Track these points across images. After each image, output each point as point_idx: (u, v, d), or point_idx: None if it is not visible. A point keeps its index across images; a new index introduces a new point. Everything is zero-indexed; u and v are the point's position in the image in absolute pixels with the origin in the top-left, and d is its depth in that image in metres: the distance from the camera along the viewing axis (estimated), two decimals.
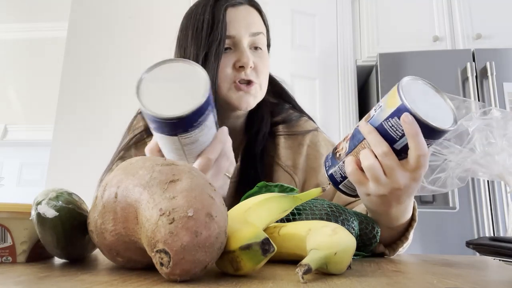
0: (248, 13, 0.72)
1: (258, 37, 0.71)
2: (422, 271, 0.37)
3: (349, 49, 2.25)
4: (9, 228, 0.37)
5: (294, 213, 0.50)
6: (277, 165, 0.77)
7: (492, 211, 1.72)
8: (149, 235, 0.28)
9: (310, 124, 0.83)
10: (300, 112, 0.85)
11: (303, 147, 0.79)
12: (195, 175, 0.31)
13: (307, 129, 0.81)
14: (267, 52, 0.76)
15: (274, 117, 0.81)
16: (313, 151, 0.79)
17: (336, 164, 0.56)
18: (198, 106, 0.43)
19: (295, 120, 0.82)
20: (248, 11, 0.73)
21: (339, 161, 0.55)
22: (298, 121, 0.82)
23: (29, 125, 2.91)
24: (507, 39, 2.07)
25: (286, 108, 0.84)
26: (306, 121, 0.83)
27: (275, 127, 0.80)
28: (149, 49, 2.05)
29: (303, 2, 2.24)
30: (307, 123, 0.83)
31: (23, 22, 3.04)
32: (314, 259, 0.30)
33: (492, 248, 0.31)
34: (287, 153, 0.78)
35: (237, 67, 0.69)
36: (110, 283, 0.27)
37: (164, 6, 2.15)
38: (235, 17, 0.70)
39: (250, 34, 0.70)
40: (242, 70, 0.69)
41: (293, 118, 0.82)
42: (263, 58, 0.72)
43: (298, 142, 0.80)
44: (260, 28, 0.73)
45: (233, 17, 0.70)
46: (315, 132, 0.82)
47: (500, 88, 1.84)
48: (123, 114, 1.02)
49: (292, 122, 0.81)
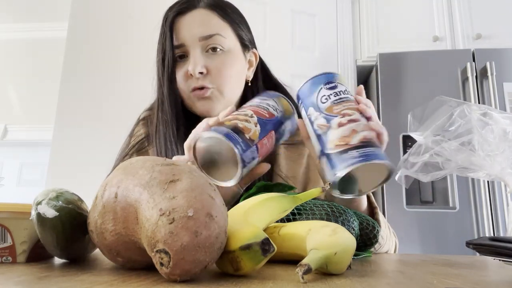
0: (197, 17, 0.72)
1: (212, 38, 0.70)
2: (422, 271, 0.37)
3: (349, 49, 2.25)
4: (9, 228, 0.37)
5: (294, 213, 0.50)
6: (277, 175, 0.75)
7: (492, 211, 1.71)
8: (149, 235, 0.28)
9: None
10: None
11: (303, 158, 0.78)
12: (195, 175, 0.31)
13: None
14: (234, 53, 0.73)
15: None
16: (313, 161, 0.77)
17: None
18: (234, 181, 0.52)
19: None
20: (198, 15, 0.72)
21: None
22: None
23: (29, 125, 2.91)
24: (507, 39, 2.07)
25: None
26: None
27: None
28: (149, 49, 2.05)
29: (303, 2, 2.24)
30: None
31: (23, 22, 3.04)
32: (314, 259, 0.30)
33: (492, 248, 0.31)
34: (287, 163, 0.77)
35: (189, 76, 0.69)
36: (110, 283, 0.27)
37: (164, 6, 2.15)
38: (182, 25, 0.71)
39: (200, 39, 0.70)
40: (192, 77, 0.69)
41: None
42: (223, 60, 0.71)
43: (299, 153, 0.78)
44: (214, 30, 0.71)
45: (180, 25, 0.71)
46: None
47: (500, 88, 1.84)
48: (123, 114, 1.02)
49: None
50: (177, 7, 0.72)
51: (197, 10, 0.72)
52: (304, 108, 0.54)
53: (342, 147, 0.47)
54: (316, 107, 0.51)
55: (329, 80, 0.53)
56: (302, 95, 0.54)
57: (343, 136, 0.47)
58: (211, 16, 0.73)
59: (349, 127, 0.48)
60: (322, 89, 0.52)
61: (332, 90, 0.52)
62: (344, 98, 0.51)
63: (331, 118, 0.49)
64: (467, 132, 0.55)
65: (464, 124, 0.55)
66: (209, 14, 0.72)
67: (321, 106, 0.51)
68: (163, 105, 0.72)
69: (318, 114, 0.50)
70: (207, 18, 0.72)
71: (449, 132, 0.56)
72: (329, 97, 0.51)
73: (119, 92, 2.05)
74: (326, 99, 0.51)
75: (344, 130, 0.48)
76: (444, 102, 0.58)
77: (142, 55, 2.09)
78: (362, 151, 0.45)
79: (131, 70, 2.06)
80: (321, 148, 0.50)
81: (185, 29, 0.70)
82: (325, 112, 0.50)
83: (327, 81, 0.53)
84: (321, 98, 0.51)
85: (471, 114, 0.55)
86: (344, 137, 0.47)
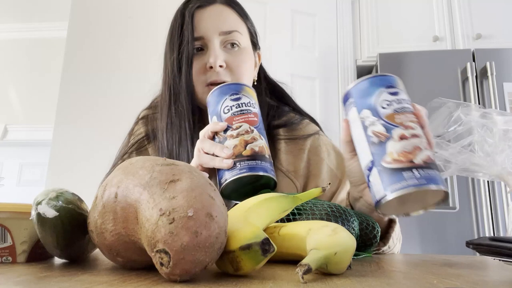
0: (218, 11, 0.72)
1: (231, 35, 0.71)
2: (422, 271, 0.37)
3: (349, 49, 2.25)
4: (9, 228, 0.37)
5: (294, 213, 0.50)
6: (278, 169, 0.75)
7: (492, 211, 1.72)
8: (149, 235, 0.28)
9: (311, 128, 0.81)
10: (301, 115, 0.83)
11: (304, 153, 0.77)
12: (195, 175, 0.31)
13: (308, 133, 0.79)
14: (248, 50, 0.74)
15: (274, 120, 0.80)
16: (314, 156, 0.77)
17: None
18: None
19: (296, 124, 0.80)
20: (218, 10, 0.72)
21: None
22: (299, 125, 0.80)
23: (29, 125, 2.91)
24: (507, 39, 2.07)
25: (286, 111, 0.82)
26: (308, 124, 0.81)
27: (275, 131, 0.79)
28: (149, 49, 2.05)
29: (303, 2, 2.24)
30: (309, 126, 0.81)
31: (23, 22, 3.04)
32: (314, 259, 0.30)
33: (492, 248, 0.32)
34: (288, 158, 0.77)
35: (208, 68, 0.69)
36: (110, 283, 0.27)
37: (164, 6, 2.15)
38: (203, 18, 0.71)
39: (220, 33, 0.70)
40: (212, 70, 0.69)
41: (294, 122, 0.80)
42: (241, 55, 0.72)
43: (299, 147, 0.78)
44: (233, 26, 0.72)
45: (200, 18, 0.70)
46: (316, 136, 0.80)
47: (500, 88, 1.84)
48: (123, 114, 1.02)
49: (293, 125, 0.80)
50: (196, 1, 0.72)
51: (217, 5, 0.73)
52: (355, 108, 0.48)
53: (402, 163, 0.42)
54: (374, 111, 0.46)
55: (391, 84, 0.48)
56: (356, 94, 0.49)
57: (405, 151, 0.42)
58: (230, 12, 0.73)
59: (412, 142, 0.43)
60: (384, 93, 0.47)
61: (394, 96, 0.47)
62: (406, 107, 0.46)
63: (392, 127, 0.44)
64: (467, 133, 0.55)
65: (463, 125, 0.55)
66: (228, 10, 0.73)
67: (381, 111, 0.46)
68: (178, 97, 0.70)
69: (375, 120, 0.45)
70: (226, 14, 0.73)
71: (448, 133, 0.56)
72: (391, 103, 0.46)
73: (119, 92, 2.05)
74: (388, 105, 0.46)
75: (406, 144, 0.43)
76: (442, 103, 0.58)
77: (142, 55, 2.09)
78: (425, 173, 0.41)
79: (131, 70, 2.06)
80: (373, 158, 0.45)
81: (205, 22, 0.70)
82: (385, 119, 0.45)
83: (389, 84, 0.48)
84: (382, 102, 0.46)
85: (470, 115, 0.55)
86: (406, 153, 0.42)
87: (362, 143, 0.47)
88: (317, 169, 0.76)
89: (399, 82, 0.49)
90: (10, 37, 3.07)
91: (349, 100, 0.49)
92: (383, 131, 0.44)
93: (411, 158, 0.42)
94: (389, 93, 0.47)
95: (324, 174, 0.76)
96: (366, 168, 0.46)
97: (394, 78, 0.49)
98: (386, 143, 0.44)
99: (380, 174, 0.43)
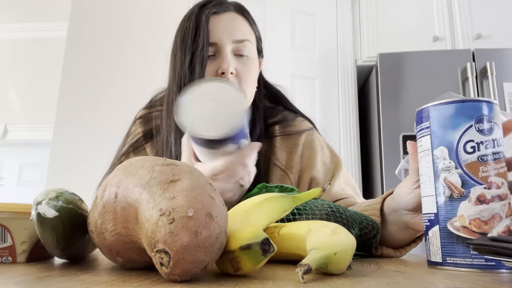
0: (232, 20, 0.73)
1: (242, 44, 0.72)
2: (422, 271, 0.37)
3: (349, 49, 2.25)
4: (9, 228, 0.37)
5: (294, 213, 0.50)
6: (274, 165, 0.78)
7: None
8: (149, 235, 0.28)
9: (305, 124, 0.84)
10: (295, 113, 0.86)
11: (299, 147, 0.80)
12: (195, 175, 0.31)
13: (302, 129, 0.82)
14: (255, 59, 0.76)
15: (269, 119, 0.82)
16: (308, 149, 0.80)
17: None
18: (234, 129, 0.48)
19: (291, 120, 0.83)
20: (232, 18, 0.73)
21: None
22: (294, 121, 0.83)
23: (29, 125, 2.91)
24: (507, 39, 2.07)
25: (280, 110, 0.85)
26: (302, 121, 0.84)
27: (271, 128, 0.81)
28: (149, 49, 2.05)
29: (303, 2, 2.24)
30: (303, 123, 0.84)
31: (23, 22, 3.04)
32: (314, 259, 0.30)
33: (492, 248, 0.31)
34: (283, 153, 0.79)
35: (219, 74, 0.70)
36: (110, 283, 0.27)
37: (164, 6, 2.15)
38: (218, 24, 0.71)
39: (233, 41, 0.71)
40: (223, 76, 0.70)
41: (289, 118, 0.83)
42: (249, 65, 0.73)
43: (294, 142, 0.80)
44: (245, 35, 0.73)
45: (215, 24, 0.71)
46: (310, 132, 0.83)
47: (500, 88, 1.84)
48: (123, 114, 1.02)
49: (288, 122, 0.82)
50: (211, 7, 0.73)
51: (231, 13, 0.74)
52: (431, 140, 0.39)
53: (473, 234, 0.35)
54: (453, 153, 0.37)
55: (486, 114, 0.37)
56: (435, 119, 0.39)
57: (480, 219, 0.35)
58: (243, 21, 0.75)
59: (492, 208, 0.35)
60: (472, 128, 0.37)
61: (485, 137, 0.36)
62: (498, 153, 0.37)
63: (472, 183, 0.36)
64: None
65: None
66: (241, 19, 0.75)
67: (462, 157, 0.36)
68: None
69: (452, 166, 0.37)
70: (240, 23, 0.74)
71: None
72: (478, 148, 0.36)
73: (119, 92, 2.05)
74: (473, 150, 0.36)
75: (484, 210, 0.35)
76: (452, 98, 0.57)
77: (142, 55, 2.09)
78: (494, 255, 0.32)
79: (131, 70, 2.06)
80: (437, 212, 0.37)
81: (220, 29, 0.71)
82: (466, 169, 0.36)
83: (481, 116, 0.37)
84: (467, 144, 0.36)
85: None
86: (481, 222, 0.35)
87: (428, 188, 0.39)
88: (310, 161, 0.79)
89: (496, 111, 0.38)
90: (10, 37, 3.07)
91: (424, 123, 0.40)
92: (458, 185, 0.36)
93: (486, 230, 0.35)
94: (479, 130, 0.37)
95: (318, 165, 0.79)
96: (426, 217, 0.39)
97: (491, 106, 0.38)
98: (459, 202, 0.36)
99: (442, 236, 0.37)
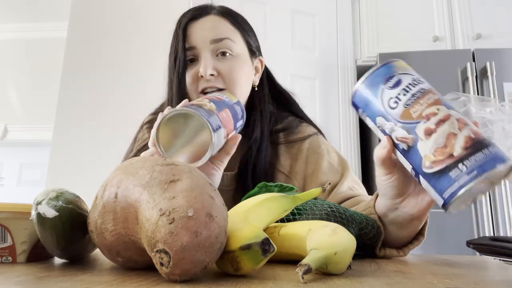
0: (210, 21, 0.74)
1: (222, 43, 0.72)
2: (422, 271, 0.37)
3: (349, 49, 2.25)
4: (9, 228, 0.37)
5: (294, 213, 0.50)
6: (278, 171, 0.77)
7: (492, 211, 1.71)
8: (149, 235, 0.28)
9: (310, 129, 0.83)
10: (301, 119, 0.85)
11: (303, 152, 0.79)
12: (195, 175, 0.31)
13: (307, 134, 0.82)
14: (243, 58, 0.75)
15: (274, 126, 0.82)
16: (313, 154, 0.79)
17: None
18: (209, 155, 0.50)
19: (295, 127, 0.82)
20: (210, 20, 0.74)
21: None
22: (298, 127, 0.83)
23: (29, 125, 2.91)
24: (507, 39, 2.07)
25: (285, 116, 0.84)
26: (306, 127, 0.84)
27: (276, 135, 0.81)
28: (149, 49, 2.05)
29: (303, 2, 2.24)
30: (307, 128, 0.83)
31: (23, 22, 3.04)
32: (314, 259, 0.30)
33: (492, 248, 0.31)
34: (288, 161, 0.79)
35: (199, 77, 0.71)
36: (110, 283, 0.27)
37: (163, 6, 2.15)
38: (195, 28, 0.73)
39: (211, 41, 0.72)
40: (202, 79, 0.71)
41: (293, 125, 0.82)
42: (233, 62, 0.73)
43: (298, 148, 0.80)
44: (224, 34, 0.73)
45: (194, 29, 0.73)
46: (314, 136, 0.82)
47: (500, 88, 1.84)
48: (123, 114, 1.02)
49: (292, 129, 0.82)
50: (191, 13, 0.75)
51: (210, 16, 0.75)
52: (370, 119, 0.43)
53: (443, 163, 0.36)
54: (385, 116, 0.40)
55: (388, 74, 0.41)
56: (360, 103, 0.43)
57: (438, 147, 0.36)
58: (222, 21, 0.75)
59: (442, 131, 0.37)
60: (384, 90, 0.41)
61: (398, 88, 0.40)
62: (418, 92, 0.39)
63: (413, 126, 0.38)
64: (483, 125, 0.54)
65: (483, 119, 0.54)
66: (220, 20, 0.75)
67: (392, 113, 0.40)
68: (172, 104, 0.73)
69: (392, 125, 0.40)
70: (218, 23, 0.75)
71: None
72: (398, 99, 0.40)
73: (119, 92, 2.05)
74: (396, 102, 0.40)
75: (436, 138, 0.37)
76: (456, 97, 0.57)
77: (142, 55, 2.09)
78: (473, 161, 0.35)
79: (131, 70, 2.06)
80: (412, 166, 0.39)
81: (196, 33, 0.73)
82: (401, 120, 0.39)
83: (386, 76, 0.41)
84: (388, 102, 0.40)
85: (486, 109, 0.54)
86: (440, 148, 0.36)
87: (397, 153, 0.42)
88: (317, 166, 0.78)
89: (397, 66, 0.42)
90: (10, 37, 3.07)
91: (359, 110, 0.44)
92: (406, 135, 0.39)
93: (449, 152, 0.36)
94: (390, 87, 0.40)
95: (324, 168, 0.77)
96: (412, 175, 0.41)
97: (389, 66, 0.42)
98: (416, 147, 0.38)
99: (428, 181, 0.38)
